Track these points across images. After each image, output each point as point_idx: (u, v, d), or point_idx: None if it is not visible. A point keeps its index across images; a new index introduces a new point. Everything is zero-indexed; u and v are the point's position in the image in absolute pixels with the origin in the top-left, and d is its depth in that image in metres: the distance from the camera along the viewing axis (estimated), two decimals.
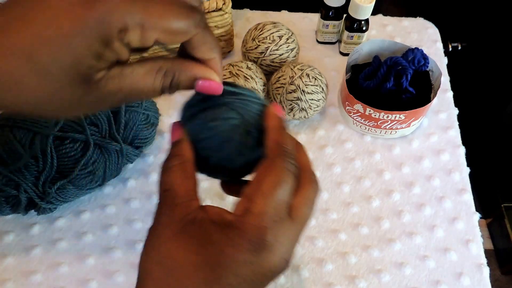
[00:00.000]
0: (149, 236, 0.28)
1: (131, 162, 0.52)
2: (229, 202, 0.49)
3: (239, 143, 0.30)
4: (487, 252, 0.48)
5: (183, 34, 0.26)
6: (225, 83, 0.30)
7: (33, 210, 0.47)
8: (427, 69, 0.55)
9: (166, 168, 0.29)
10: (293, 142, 0.30)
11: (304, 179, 0.29)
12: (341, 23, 0.61)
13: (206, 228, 0.27)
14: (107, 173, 0.48)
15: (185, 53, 0.29)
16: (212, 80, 0.28)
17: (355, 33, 0.59)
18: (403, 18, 0.68)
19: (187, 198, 0.28)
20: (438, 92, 0.53)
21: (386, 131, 0.54)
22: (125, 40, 0.25)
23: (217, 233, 0.26)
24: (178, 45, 0.29)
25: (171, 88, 0.28)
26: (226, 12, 0.55)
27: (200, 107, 0.30)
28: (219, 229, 0.27)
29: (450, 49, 0.82)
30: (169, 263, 0.27)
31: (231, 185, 0.34)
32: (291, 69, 0.52)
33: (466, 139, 0.57)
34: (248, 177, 0.31)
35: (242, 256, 0.26)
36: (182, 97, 0.29)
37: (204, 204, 0.29)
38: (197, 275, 0.26)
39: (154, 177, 0.52)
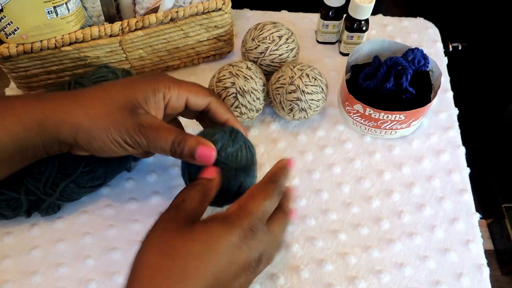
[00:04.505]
0: (151, 233, 0.34)
1: (136, 161, 0.52)
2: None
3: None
4: (487, 253, 0.48)
5: (203, 96, 0.42)
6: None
7: (36, 212, 0.47)
8: (427, 69, 0.55)
9: (192, 186, 0.37)
10: (285, 184, 0.39)
11: (282, 208, 0.39)
12: (341, 23, 0.61)
13: (208, 222, 0.34)
14: (109, 170, 0.48)
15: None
16: (208, 146, 0.39)
17: (355, 33, 0.59)
18: (403, 18, 0.68)
19: (197, 211, 0.35)
20: (438, 92, 0.53)
21: (386, 131, 0.54)
22: (167, 95, 0.40)
23: (216, 225, 0.34)
24: None
25: (179, 145, 0.38)
26: (226, 12, 0.55)
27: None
28: (218, 222, 0.34)
29: (450, 49, 0.82)
30: (173, 253, 0.32)
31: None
32: (291, 69, 0.52)
33: (466, 139, 0.57)
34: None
35: (234, 238, 0.33)
36: None
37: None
38: (196, 258, 0.32)
39: (154, 177, 0.52)
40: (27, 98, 0.39)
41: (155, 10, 0.54)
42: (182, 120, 0.47)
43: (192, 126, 0.50)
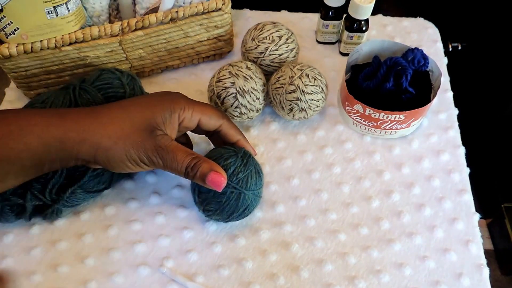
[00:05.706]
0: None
1: None
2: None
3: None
4: (487, 253, 0.48)
5: (216, 118, 0.45)
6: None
7: (38, 215, 0.48)
8: (427, 69, 0.55)
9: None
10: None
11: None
12: (341, 23, 0.61)
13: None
14: (114, 175, 0.49)
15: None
16: (219, 174, 0.41)
17: (355, 33, 0.59)
18: (403, 18, 0.68)
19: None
20: (438, 92, 0.53)
21: (386, 132, 0.54)
22: (181, 116, 0.43)
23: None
24: None
25: (192, 169, 0.41)
26: (226, 12, 0.55)
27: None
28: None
29: (450, 49, 0.82)
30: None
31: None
32: (291, 69, 0.52)
33: (466, 139, 0.56)
34: None
35: None
36: None
37: None
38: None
39: (154, 177, 0.52)
40: (48, 114, 0.41)
41: (155, 10, 0.54)
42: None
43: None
